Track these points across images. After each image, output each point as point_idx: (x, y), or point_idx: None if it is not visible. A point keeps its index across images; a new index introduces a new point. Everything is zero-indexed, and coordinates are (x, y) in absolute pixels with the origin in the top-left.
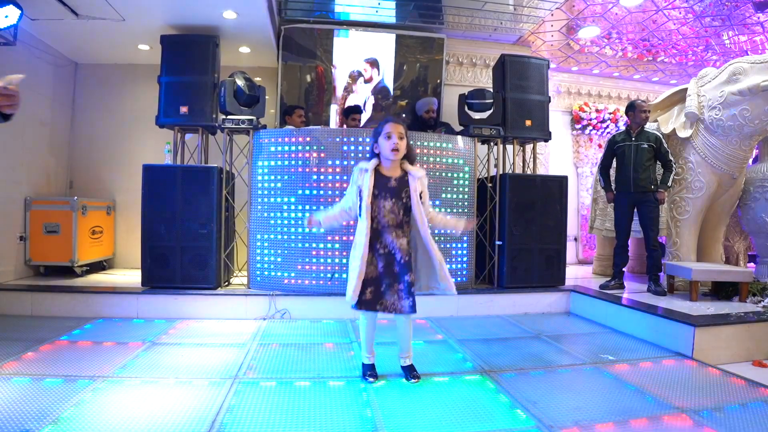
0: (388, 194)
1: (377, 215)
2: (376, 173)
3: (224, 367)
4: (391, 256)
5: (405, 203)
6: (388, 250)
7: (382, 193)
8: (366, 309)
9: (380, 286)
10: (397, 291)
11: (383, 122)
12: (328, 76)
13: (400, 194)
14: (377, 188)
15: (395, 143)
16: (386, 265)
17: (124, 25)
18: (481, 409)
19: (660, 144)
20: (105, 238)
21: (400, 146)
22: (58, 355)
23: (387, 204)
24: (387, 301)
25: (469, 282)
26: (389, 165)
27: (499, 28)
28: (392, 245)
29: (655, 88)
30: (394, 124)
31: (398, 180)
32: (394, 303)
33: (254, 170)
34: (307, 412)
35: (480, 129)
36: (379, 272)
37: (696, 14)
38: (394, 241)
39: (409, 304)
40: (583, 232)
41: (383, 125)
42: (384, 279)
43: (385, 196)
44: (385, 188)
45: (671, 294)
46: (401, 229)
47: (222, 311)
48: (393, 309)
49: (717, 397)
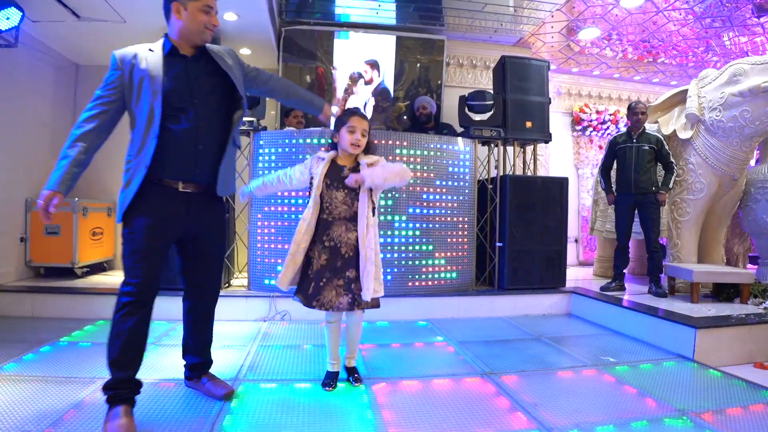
0: (339, 184)
1: (328, 206)
2: (331, 163)
3: (224, 369)
4: (335, 250)
5: (357, 194)
6: (333, 244)
7: (334, 183)
8: (304, 304)
9: (320, 280)
10: (335, 287)
11: (349, 113)
12: (328, 77)
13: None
14: (329, 177)
15: (357, 138)
16: (330, 259)
17: (125, 26)
18: (481, 411)
19: (661, 146)
20: (105, 240)
21: (362, 142)
22: (58, 356)
23: (339, 195)
24: (325, 297)
25: (470, 283)
26: (345, 156)
27: (499, 30)
28: (338, 239)
29: (655, 90)
30: (360, 118)
31: (352, 170)
32: (331, 300)
33: (255, 172)
34: (308, 414)
35: (480, 130)
36: (321, 265)
37: (696, 15)
38: (341, 234)
39: (347, 300)
40: (583, 233)
41: (349, 116)
42: (325, 273)
43: (337, 187)
44: (337, 178)
45: (672, 296)
46: (353, 222)
47: (222, 313)
48: (330, 306)
49: (718, 399)
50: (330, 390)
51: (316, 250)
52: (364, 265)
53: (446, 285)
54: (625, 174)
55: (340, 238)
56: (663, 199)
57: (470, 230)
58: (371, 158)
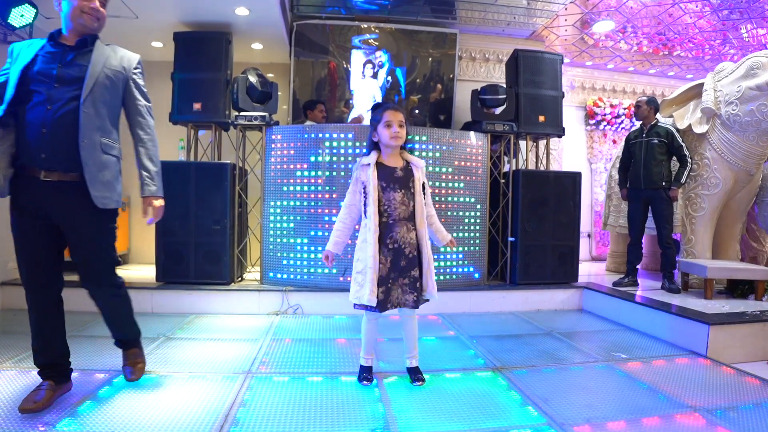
0: (396, 185)
1: (387, 208)
2: (378, 166)
3: (237, 362)
4: (399, 251)
5: (413, 193)
6: (397, 246)
7: (390, 184)
8: (381, 310)
9: (387, 283)
10: (401, 285)
11: (381, 109)
12: (340, 71)
13: (407, 184)
14: (383, 180)
15: (396, 131)
16: (394, 260)
17: (138, 22)
18: (492, 405)
19: (672, 138)
20: (120, 234)
21: (401, 134)
22: (73, 349)
23: (397, 195)
24: (392, 296)
25: (482, 278)
26: (390, 153)
27: (512, 23)
28: (401, 240)
29: (670, 83)
30: (393, 111)
31: (404, 170)
32: (398, 297)
33: (267, 166)
34: (320, 407)
35: (493, 125)
36: (387, 269)
37: (713, 7)
38: (404, 235)
39: (413, 298)
40: (596, 228)
41: (382, 113)
42: (390, 275)
43: (394, 188)
44: (391, 179)
45: (686, 292)
46: (411, 221)
47: (235, 306)
48: (397, 303)
49: (731, 396)
50: (368, 384)
51: (381, 255)
52: (427, 264)
53: (458, 279)
54: (635, 169)
55: (403, 239)
56: (674, 195)
57: (482, 225)
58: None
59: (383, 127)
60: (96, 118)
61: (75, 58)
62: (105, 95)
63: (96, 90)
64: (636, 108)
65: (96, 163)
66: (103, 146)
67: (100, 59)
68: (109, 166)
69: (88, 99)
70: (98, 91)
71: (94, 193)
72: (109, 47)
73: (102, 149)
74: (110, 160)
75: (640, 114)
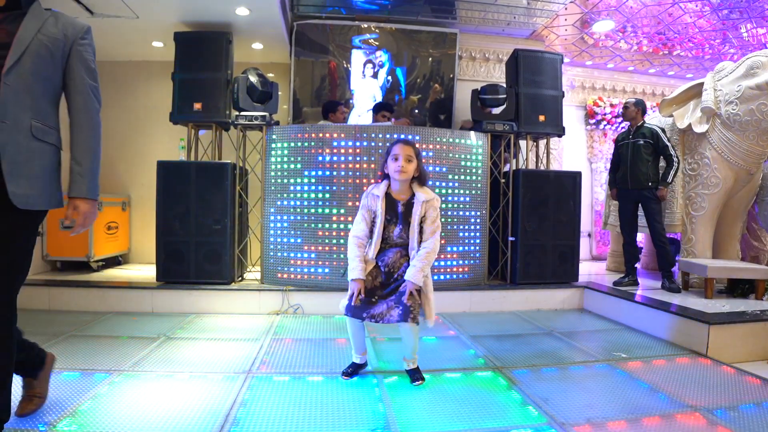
0: (397, 219)
1: (387, 238)
2: (387, 198)
3: (238, 362)
4: (390, 274)
5: (410, 225)
6: (388, 269)
7: (393, 219)
8: (352, 316)
9: (373, 296)
10: (387, 301)
11: (394, 143)
12: (340, 71)
13: (407, 219)
14: (388, 214)
15: (400, 165)
16: (385, 278)
17: (138, 22)
18: (492, 405)
19: (657, 139)
20: (120, 234)
21: (407, 169)
22: (75, 348)
23: (396, 230)
24: (375, 311)
25: (482, 278)
26: (398, 186)
27: (512, 23)
28: (392, 264)
29: (670, 83)
30: (402, 145)
31: (405, 205)
32: (382, 313)
33: (267, 166)
34: (320, 407)
35: (493, 124)
36: (373, 285)
37: (713, 6)
38: (396, 261)
39: (398, 313)
40: (597, 228)
41: (392, 146)
42: (377, 291)
43: (395, 222)
44: (394, 213)
45: (686, 291)
46: (405, 249)
47: (236, 306)
48: (380, 318)
49: (731, 395)
50: (346, 379)
51: (372, 272)
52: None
53: (458, 279)
54: (623, 170)
55: (393, 264)
56: (662, 194)
57: (483, 224)
58: (427, 194)
59: (391, 159)
60: (25, 95)
61: (2, 22)
62: (39, 68)
63: (26, 60)
64: (624, 110)
65: (21, 150)
66: (34, 130)
67: (33, 24)
68: (42, 157)
69: (14, 70)
70: (29, 62)
71: (13, 189)
72: (50, 12)
73: (33, 134)
74: (43, 148)
75: (628, 115)
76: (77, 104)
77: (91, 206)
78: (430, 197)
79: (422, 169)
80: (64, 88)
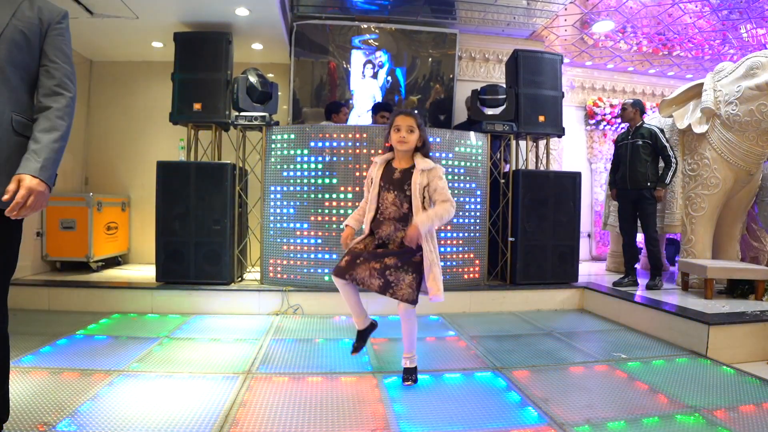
0: (391, 186)
1: (380, 206)
2: (387, 165)
3: (237, 362)
4: (384, 245)
5: (408, 195)
6: (382, 241)
7: (386, 185)
8: (334, 274)
9: (357, 258)
10: (370, 268)
11: (395, 113)
12: (340, 71)
13: (402, 186)
14: (383, 180)
15: (403, 136)
16: (376, 248)
17: (138, 23)
18: (492, 405)
19: (655, 139)
20: (120, 234)
21: (408, 139)
22: (74, 349)
23: (389, 196)
24: (359, 275)
25: (482, 278)
26: (400, 156)
27: (512, 23)
28: (387, 237)
29: (670, 83)
30: (403, 116)
31: (403, 171)
32: (364, 279)
33: (267, 166)
34: (320, 407)
35: (493, 125)
36: (364, 249)
37: (713, 7)
38: (390, 234)
39: (379, 284)
40: (596, 228)
41: (394, 116)
42: (364, 254)
43: (389, 188)
44: (389, 180)
45: (686, 292)
46: (402, 222)
47: (235, 306)
48: (362, 283)
49: (731, 396)
50: (354, 354)
51: (366, 240)
52: (429, 267)
53: (458, 279)
54: (622, 170)
55: (389, 237)
56: (658, 195)
57: (482, 225)
58: (427, 164)
59: (394, 130)
60: (2, 87)
61: None
62: (15, 55)
63: (1, 49)
64: (622, 111)
65: (2, 147)
66: (15, 124)
67: (6, 8)
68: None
69: None
70: (4, 51)
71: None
72: None
73: (14, 129)
74: (25, 144)
75: (626, 116)
76: (51, 90)
77: (39, 184)
78: (431, 166)
79: (425, 139)
80: (39, 74)
